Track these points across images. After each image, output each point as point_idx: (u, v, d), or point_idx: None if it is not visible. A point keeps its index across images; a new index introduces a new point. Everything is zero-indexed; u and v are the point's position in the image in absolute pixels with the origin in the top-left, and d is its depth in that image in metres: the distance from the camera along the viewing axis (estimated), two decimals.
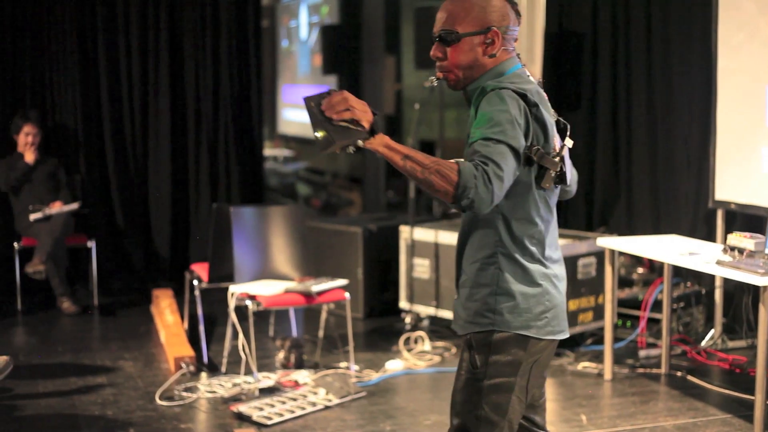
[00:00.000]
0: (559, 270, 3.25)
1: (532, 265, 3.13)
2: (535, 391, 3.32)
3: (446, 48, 3.15)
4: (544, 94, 3.16)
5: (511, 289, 3.11)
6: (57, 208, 8.16)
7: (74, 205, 8.29)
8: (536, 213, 3.12)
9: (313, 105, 2.94)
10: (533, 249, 3.13)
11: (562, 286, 3.24)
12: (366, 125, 2.92)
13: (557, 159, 3.07)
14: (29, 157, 8.28)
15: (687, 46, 7.50)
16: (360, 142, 2.93)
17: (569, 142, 3.16)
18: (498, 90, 3.01)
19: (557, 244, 3.28)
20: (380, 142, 2.92)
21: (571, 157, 3.24)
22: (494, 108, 2.96)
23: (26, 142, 8.29)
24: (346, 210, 12.14)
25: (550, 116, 3.12)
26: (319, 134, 2.92)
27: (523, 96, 3.00)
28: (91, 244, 8.46)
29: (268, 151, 14.09)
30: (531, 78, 3.17)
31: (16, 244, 8.23)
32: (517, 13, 3.18)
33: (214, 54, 9.32)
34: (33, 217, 8.09)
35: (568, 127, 3.22)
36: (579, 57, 8.45)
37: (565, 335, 3.25)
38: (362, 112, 2.92)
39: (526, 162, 3.01)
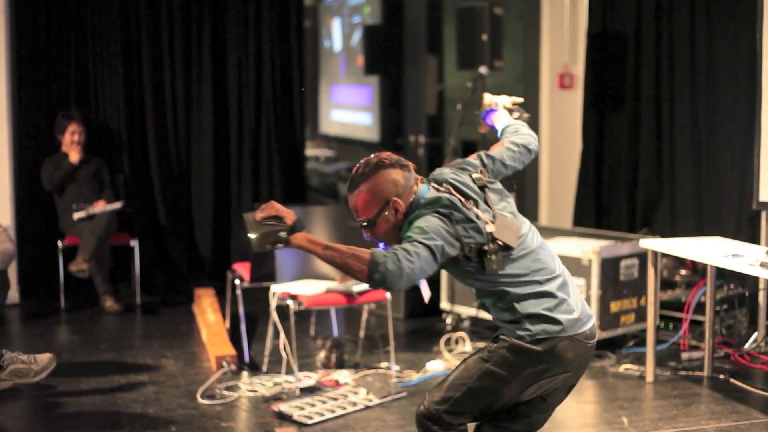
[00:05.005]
0: (566, 277, 3.78)
1: (544, 287, 3.68)
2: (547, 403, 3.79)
3: (372, 230, 3.68)
4: (458, 195, 3.63)
5: (538, 312, 3.64)
6: (100, 207, 8.21)
7: (117, 204, 8.34)
8: (519, 266, 3.65)
9: (248, 216, 3.49)
10: (538, 278, 3.67)
11: (572, 287, 3.78)
12: (289, 222, 3.43)
13: (491, 241, 3.55)
14: (74, 156, 8.34)
15: (731, 46, 7.43)
16: (283, 234, 3.42)
17: (502, 205, 3.69)
18: (422, 215, 3.56)
19: (553, 256, 3.78)
20: (303, 237, 3.44)
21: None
22: (420, 222, 3.53)
23: (71, 141, 8.35)
24: None
25: (468, 210, 3.58)
26: (252, 235, 3.44)
27: (445, 217, 3.53)
28: (134, 243, 8.53)
29: (310, 151, 14.10)
30: (440, 189, 3.66)
31: (59, 243, 8.31)
32: (402, 166, 3.67)
33: (256, 54, 9.34)
34: (77, 216, 8.15)
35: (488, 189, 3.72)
36: (622, 57, 8.39)
37: (589, 325, 3.76)
38: (285, 211, 3.45)
39: (466, 261, 3.56)
